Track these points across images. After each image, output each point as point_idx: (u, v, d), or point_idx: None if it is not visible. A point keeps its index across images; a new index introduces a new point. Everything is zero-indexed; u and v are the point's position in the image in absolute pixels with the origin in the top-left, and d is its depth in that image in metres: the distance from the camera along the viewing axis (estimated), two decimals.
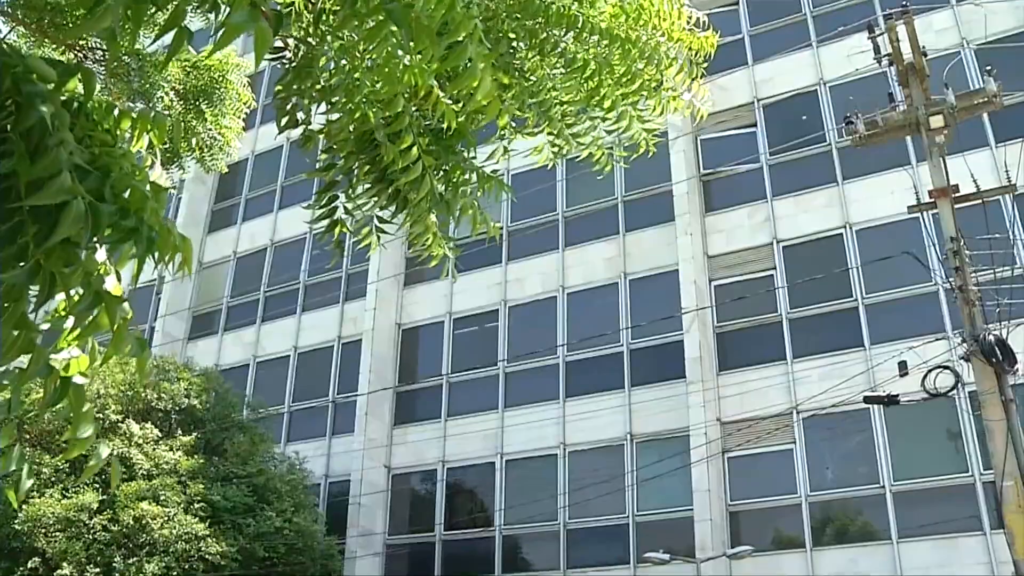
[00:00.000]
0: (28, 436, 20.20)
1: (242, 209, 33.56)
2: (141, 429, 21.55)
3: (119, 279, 2.71)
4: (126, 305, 2.70)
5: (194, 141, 9.41)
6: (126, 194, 2.66)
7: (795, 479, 21.50)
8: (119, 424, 21.42)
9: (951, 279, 14.14)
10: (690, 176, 25.06)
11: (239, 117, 9.94)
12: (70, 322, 2.64)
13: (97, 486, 20.36)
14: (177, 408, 22.82)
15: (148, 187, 2.72)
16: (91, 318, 2.61)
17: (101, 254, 2.67)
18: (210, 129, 9.72)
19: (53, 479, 20.18)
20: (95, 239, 2.59)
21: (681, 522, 21.93)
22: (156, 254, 2.76)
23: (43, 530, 19.17)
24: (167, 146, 9.31)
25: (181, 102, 9.49)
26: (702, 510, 21.44)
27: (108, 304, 2.62)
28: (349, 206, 3.81)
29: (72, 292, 2.58)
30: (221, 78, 9.58)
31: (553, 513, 23.72)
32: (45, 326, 2.61)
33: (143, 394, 22.29)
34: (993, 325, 13.84)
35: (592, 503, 22.70)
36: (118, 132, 2.81)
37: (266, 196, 33.04)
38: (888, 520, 20.33)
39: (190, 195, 33.61)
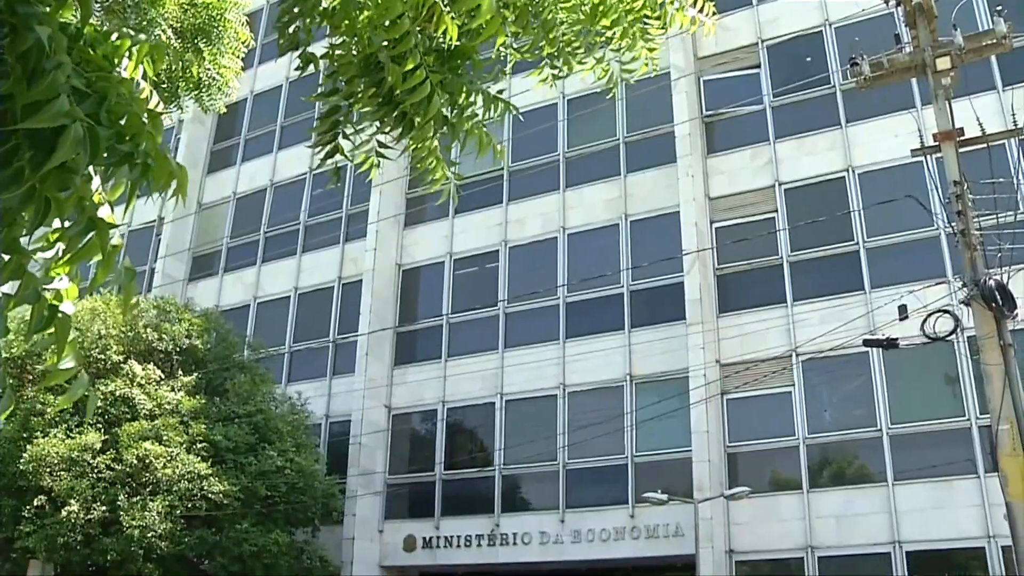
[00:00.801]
0: (30, 378, 20.31)
1: (241, 150, 33.36)
2: (143, 370, 21.67)
3: (112, 209, 2.68)
4: (117, 233, 2.68)
5: (194, 71, 9.27)
6: (123, 120, 2.63)
7: (793, 421, 21.64)
8: (121, 365, 21.55)
9: (953, 223, 14.08)
10: (692, 117, 24.85)
11: (237, 56, 9.80)
12: (59, 249, 2.62)
13: (100, 427, 20.54)
14: (178, 349, 22.92)
15: (145, 114, 2.68)
16: (83, 244, 2.59)
17: (96, 182, 2.64)
18: (208, 68, 9.59)
19: (56, 420, 20.33)
20: (91, 164, 2.56)
21: (679, 463, 22.10)
22: (151, 181, 2.72)
23: (48, 469, 19.38)
24: (165, 85, 9.23)
25: (178, 40, 9.36)
26: (700, 451, 21.59)
27: (100, 231, 2.60)
28: (350, 131, 3.76)
29: (65, 219, 2.56)
30: (219, 16, 9.43)
31: (552, 453, 23.89)
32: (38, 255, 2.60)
33: (144, 335, 22.37)
34: (994, 270, 13.80)
35: (591, 443, 22.85)
36: (115, 59, 2.76)
37: (266, 136, 32.84)
38: (884, 462, 20.50)
39: (189, 135, 33.38)
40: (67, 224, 2.57)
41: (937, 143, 14.64)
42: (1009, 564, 16.26)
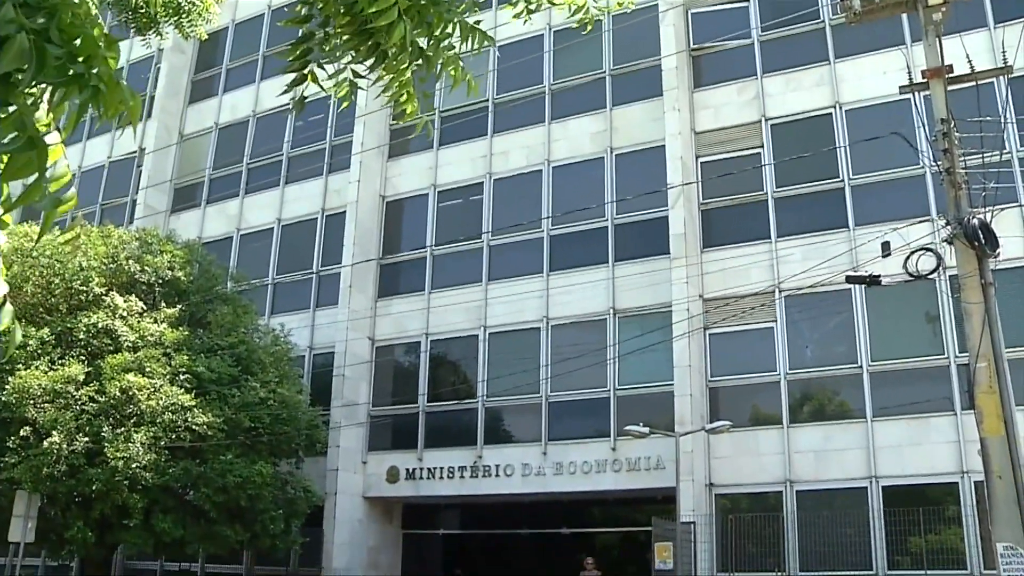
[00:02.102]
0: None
1: (223, 80, 32.87)
2: (125, 302, 21.56)
3: (60, 135, 2.60)
4: (66, 163, 2.61)
5: None
6: (77, 41, 2.54)
7: (775, 357, 21.80)
8: (103, 297, 21.41)
9: (939, 162, 14.05)
10: (679, 50, 24.57)
11: None
12: None
13: (83, 359, 20.49)
14: (160, 281, 22.80)
15: (102, 40, 2.60)
16: (21, 162, 2.51)
17: (43, 108, 2.56)
18: None
19: (39, 352, 20.26)
20: (36, 81, 2.48)
21: (661, 397, 22.28)
22: (102, 107, 2.64)
23: (31, 401, 19.36)
24: (143, 9, 8.99)
25: None
26: (682, 385, 21.76)
27: (40, 150, 2.51)
28: (325, 59, 3.68)
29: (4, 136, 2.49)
30: None
31: (535, 386, 24.04)
32: None
33: (126, 267, 22.23)
34: (978, 209, 13.81)
35: (574, 376, 22.98)
36: None
37: (248, 66, 32.34)
38: (864, 399, 20.74)
39: (169, 65, 32.86)
40: (5, 140, 2.49)
41: (926, 80, 14.51)
42: (981, 499, 16.58)
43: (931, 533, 19.23)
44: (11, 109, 2.44)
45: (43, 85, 2.56)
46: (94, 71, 2.56)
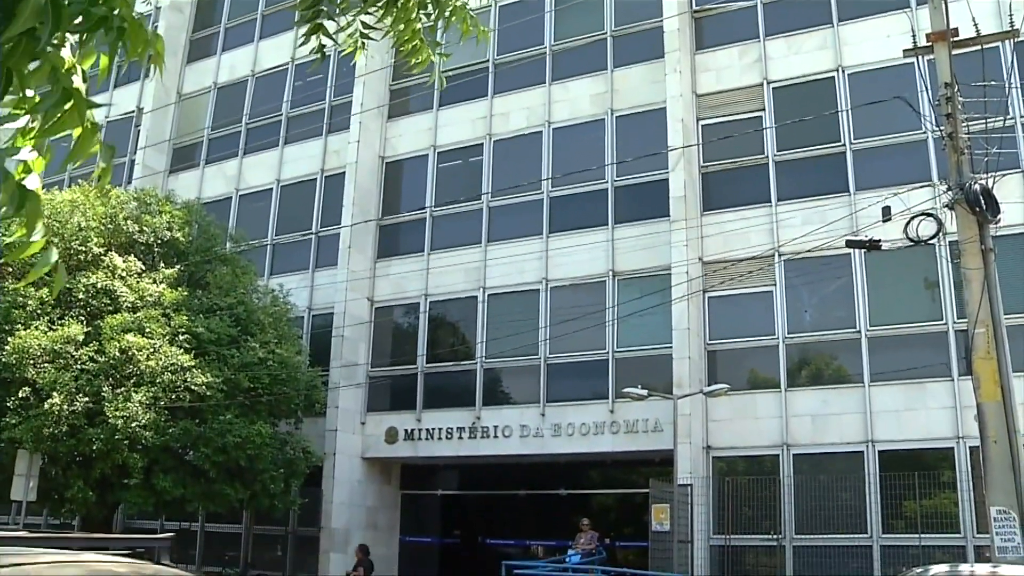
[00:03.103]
0: (11, 269, 20.17)
1: (221, 39, 32.59)
2: (124, 262, 21.55)
3: (85, 79, 2.59)
4: (96, 112, 2.60)
5: None
6: None
7: (773, 321, 21.81)
8: (102, 257, 21.40)
9: (942, 127, 13.99)
10: (681, 12, 24.33)
11: None
12: (23, 122, 2.54)
13: (82, 319, 20.52)
14: (159, 241, 22.78)
15: None
16: (58, 116, 2.50)
17: (67, 52, 2.54)
18: None
19: (38, 312, 20.28)
20: (60, 31, 2.46)
21: (660, 359, 22.33)
22: (127, 46, 2.62)
23: (31, 361, 19.40)
24: None
25: None
26: (681, 348, 21.80)
27: (77, 102, 2.51)
28: (337, 12, 3.64)
29: (35, 90, 2.48)
30: None
31: (534, 347, 24.09)
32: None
33: (125, 227, 22.19)
34: (980, 174, 13.78)
35: (573, 338, 23.01)
36: None
37: (246, 25, 32.07)
38: (861, 364, 20.77)
39: (167, 23, 32.52)
40: (36, 97, 2.48)
41: (930, 44, 14.43)
42: (976, 464, 16.68)
43: (926, 498, 19.35)
44: (38, 63, 2.42)
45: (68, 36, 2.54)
46: (115, 12, 2.55)
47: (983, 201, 13.27)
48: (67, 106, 2.49)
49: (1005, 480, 12.53)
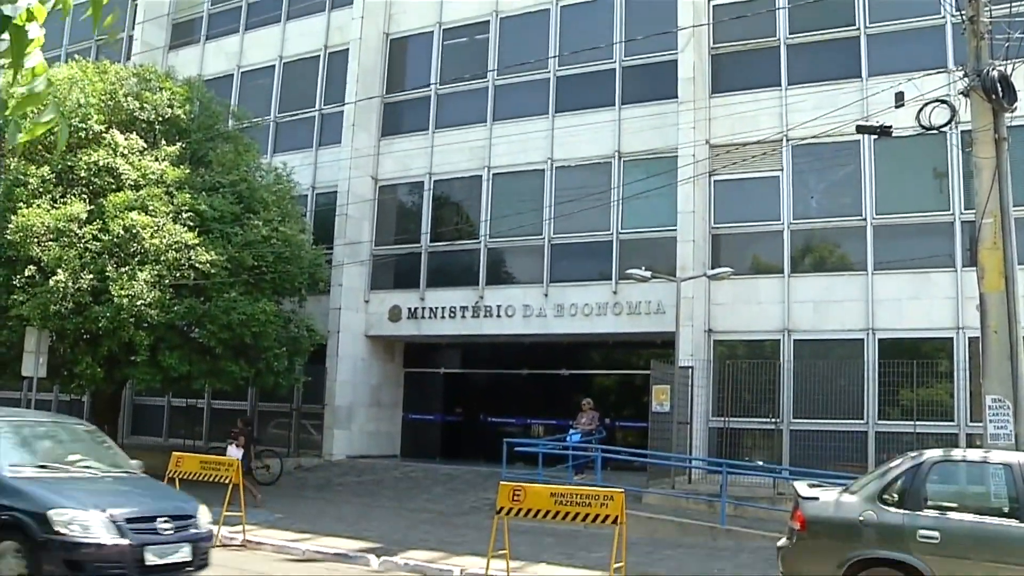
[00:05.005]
0: (11, 148, 20.00)
1: None
2: (126, 139, 21.34)
3: None
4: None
5: None
6: None
7: (779, 206, 21.66)
8: (102, 135, 21.18)
9: (962, 10, 13.60)
10: None
11: None
12: None
13: (84, 197, 20.43)
14: (161, 118, 22.51)
15: None
16: None
17: None
18: None
19: (40, 190, 20.18)
20: None
21: (664, 242, 22.30)
22: None
23: (35, 239, 19.40)
24: None
25: None
26: (685, 231, 21.74)
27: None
28: None
29: None
30: None
31: (538, 227, 24.05)
32: None
33: (125, 104, 21.89)
34: (999, 61, 13.44)
35: (577, 219, 22.95)
36: None
37: None
38: (866, 252, 20.70)
39: None
40: None
41: None
42: (974, 355, 16.79)
43: (922, 386, 19.56)
44: None
45: None
46: None
47: (1000, 88, 12.95)
48: None
49: (1002, 369, 12.62)
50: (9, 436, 10.72)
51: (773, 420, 20.55)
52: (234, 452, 19.31)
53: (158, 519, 10.01)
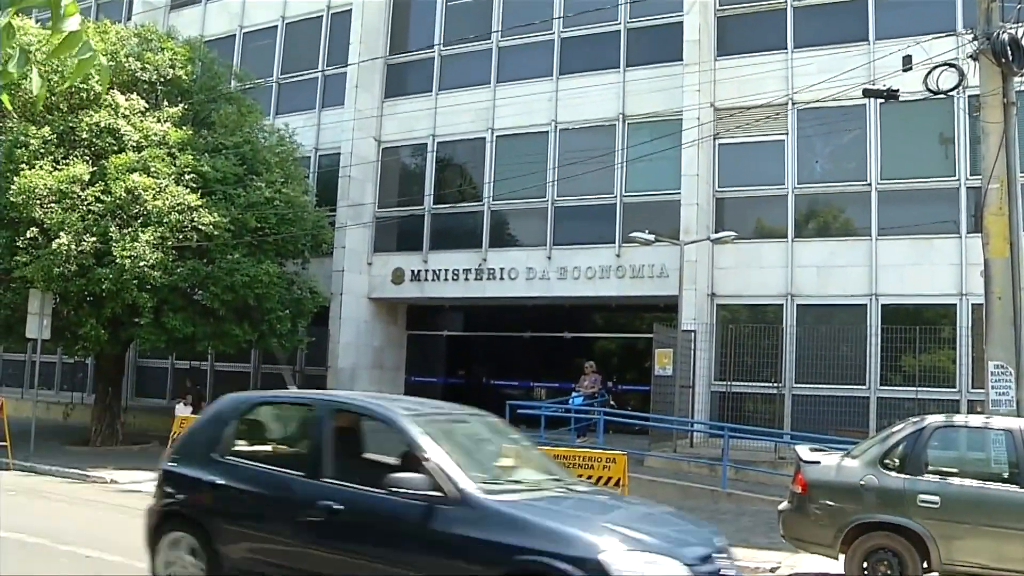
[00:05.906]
0: (10, 109, 19.93)
1: None
2: (127, 100, 21.24)
3: None
4: None
5: None
6: None
7: (784, 170, 21.56)
8: (104, 96, 21.06)
9: None
10: None
11: None
12: None
13: (87, 159, 20.37)
14: (162, 79, 22.39)
15: None
16: None
17: None
18: None
19: (42, 151, 20.11)
20: None
21: (668, 205, 22.23)
22: None
23: (38, 201, 19.36)
24: None
25: None
26: (689, 194, 21.68)
27: None
28: None
29: None
30: None
31: (542, 190, 23.97)
32: None
33: (127, 64, 21.76)
34: (1009, 24, 13.30)
35: (581, 181, 22.83)
36: None
37: None
38: (870, 217, 20.62)
39: None
40: None
41: None
42: (977, 321, 16.78)
43: (924, 352, 19.57)
44: None
45: None
46: None
47: (1010, 51, 12.83)
48: None
49: (1005, 336, 12.65)
50: (446, 442, 7.30)
51: (775, 385, 20.59)
52: (183, 410, 20.62)
53: (715, 557, 6.93)
